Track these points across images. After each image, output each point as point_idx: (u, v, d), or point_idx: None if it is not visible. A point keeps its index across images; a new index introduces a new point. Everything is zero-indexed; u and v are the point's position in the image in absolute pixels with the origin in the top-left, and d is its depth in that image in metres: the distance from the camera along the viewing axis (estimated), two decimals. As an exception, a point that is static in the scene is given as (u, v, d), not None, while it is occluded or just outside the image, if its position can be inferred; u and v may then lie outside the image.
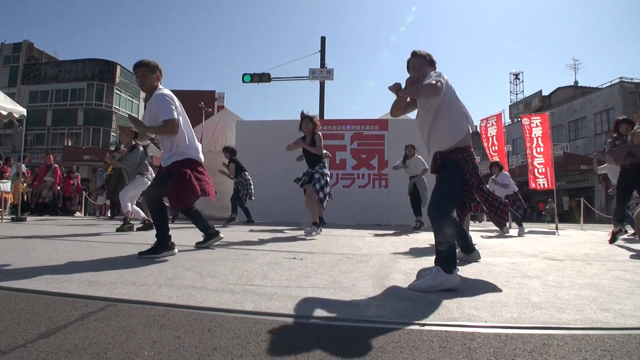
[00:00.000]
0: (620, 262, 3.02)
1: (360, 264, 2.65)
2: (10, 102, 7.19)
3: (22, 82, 31.20)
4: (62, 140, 29.31)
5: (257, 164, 8.41)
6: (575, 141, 24.92)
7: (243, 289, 1.81)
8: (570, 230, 8.37)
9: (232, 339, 1.21)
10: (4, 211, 7.60)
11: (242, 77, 13.55)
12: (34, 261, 2.44)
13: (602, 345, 1.20)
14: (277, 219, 8.07)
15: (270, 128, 9.15)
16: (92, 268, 2.27)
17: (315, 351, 1.12)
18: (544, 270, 2.54)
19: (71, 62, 31.44)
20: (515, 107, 33.14)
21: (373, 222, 8.24)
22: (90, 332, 1.23)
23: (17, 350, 1.09)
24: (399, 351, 1.13)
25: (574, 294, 1.84)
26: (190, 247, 3.36)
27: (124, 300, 1.60)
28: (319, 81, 13.45)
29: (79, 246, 3.30)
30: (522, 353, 1.13)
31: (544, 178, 8.35)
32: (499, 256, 3.30)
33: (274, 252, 3.18)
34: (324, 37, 13.96)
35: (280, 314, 1.46)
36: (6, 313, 1.41)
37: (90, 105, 30.25)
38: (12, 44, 32.27)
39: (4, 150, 26.23)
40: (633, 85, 22.40)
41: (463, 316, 1.46)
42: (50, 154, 10.58)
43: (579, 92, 27.72)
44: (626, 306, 1.64)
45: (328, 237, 4.76)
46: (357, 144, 8.96)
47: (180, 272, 2.20)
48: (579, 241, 5.19)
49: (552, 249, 3.99)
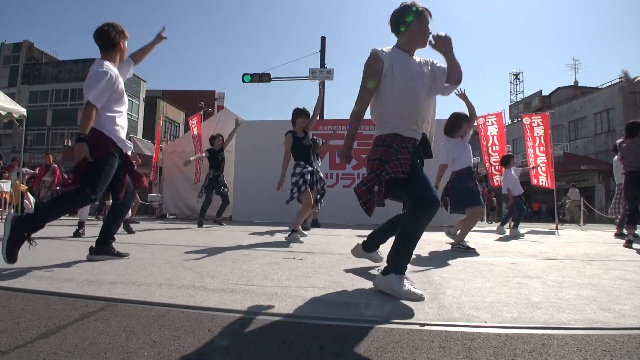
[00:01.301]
0: (621, 262, 3.02)
1: (361, 264, 2.65)
2: (10, 102, 7.19)
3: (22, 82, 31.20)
4: (62, 140, 29.30)
5: (257, 164, 8.41)
6: (575, 141, 24.92)
7: (243, 289, 1.81)
8: (570, 230, 8.36)
9: (232, 339, 1.21)
10: (4, 211, 7.60)
11: (242, 77, 13.55)
12: (33, 261, 2.44)
13: (602, 345, 1.19)
14: (277, 219, 8.07)
15: (270, 128, 9.15)
16: (92, 268, 2.27)
17: (316, 351, 1.12)
18: (544, 270, 2.54)
19: (71, 62, 31.43)
20: (515, 107, 33.16)
21: (373, 222, 8.24)
22: (90, 332, 1.23)
23: (17, 350, 1.09)
24: (399, 351, 1.13)
25: (574, 294, 1.84)
26: (190, 246, 3.36)
27: (124, 300, 1.60)
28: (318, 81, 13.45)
29: (79, 246, 3.30)
30: (522, 353, 1.13)
31: (546, 176, 8.33)
32: (499, 256, 3.30)
33: (274, 252, 3.18)
34: (324, 37, 13.97)
35: (280, 314, 1.46)
36: (6, 313, 1.41)
37: (90, 105, 30.20)
38: (12, 44, 32.27)
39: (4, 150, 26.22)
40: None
41: (463, 316, 1.46)
42: (50, 154, 10.58)
43: (579, 92, 27.72)
44: (626, 306, 1.64)
45: (328, 237, 4.76)
46: (357, 144, 8.93)
47: (180, 272, 2.20)
48: (579, 241, 5.19)
49: (552, 249, 3.99)
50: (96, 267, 2.31)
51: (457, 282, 2.10)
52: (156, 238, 4.22)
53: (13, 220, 2.20)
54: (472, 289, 1.92)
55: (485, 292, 1.85)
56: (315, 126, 9.21)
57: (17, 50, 32.05)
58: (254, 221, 7.96)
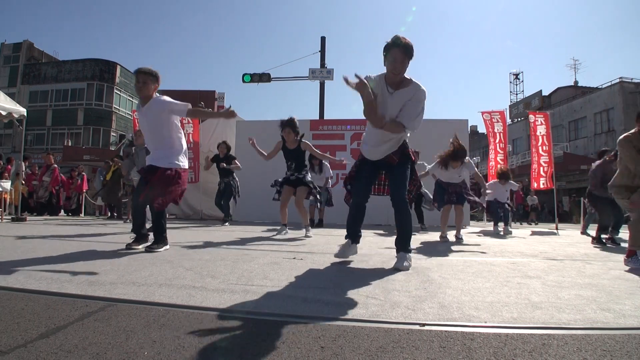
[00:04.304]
0: (621, 262, 3.02)
1: (361, 264, 2.65)
2: (10, 102, 7.19)
3: (22, 82, 31.19)
4: (62, 140, 29.30)
5: (257, 164, 8.39)
6: (575, 141, 24.92)
7: (243, 289, 1.81)
8: (570, 231, 8.36)
9: (232, 339, 1.21)
10: (4, 211, 7.60)
11: (242, 77, 13.55)
12: (33, 261, 2.44)
13: (602, 345, 1.19)
14: (277, 219, 8.05)
15: (270, 128, 9.14)
16: (92, 268, 2.27)
17: (316, 351, 1.12)
18: (544, 270, 2.54)
19: (71, 62, 31.42)
20: (515, 107, 33.15)
21: (373, 222, 8.24)
22: (90, 332, 1.23)
23: (17, 350, 1.09)
24: (399, 351, 1.13)
25: (574, 294, 1.84)
26: (190, 246, 3.36)
27: (124, 300, 1.60)
28: (318, 81, 13.46)
29: (79, 246, 3.30)
30: (522, 353, 1.13)
31: (545, 177, 8.33)
32: (499, 256, 3.30)
33: (274, 252, 3.18)
34: (324, 37, 13.96)
35: (280, 314, 1.46)
36: (6, 313, 1.41)
37: (90, 105, 30.23)
38: (12, 44, 32.26)
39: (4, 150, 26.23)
40: (633, 85, 22.39)
41: (463, 316, 1.46)
42: (50, 154, 10.59)
43: (579, 92, 27.71)
44: (626, 306, 1.64)
45: (328, 237, 4.77)
46: (357, 144, 8.95)
47: (180, 272, 2.20)
48: (579, 241, 5.19)
49: (552, 249, 3.99)
50: (96, 267, 2.31)
51: (457, 282, 2.10)
52: (156, 238, 4.21)
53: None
54: (472, 289, 1.92)
55: (485, 292, 1.85)
56: (315, 126, 9.24)
57: (17, 50, 32.04)
58: (254, 221, 7.96)
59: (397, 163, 2.64)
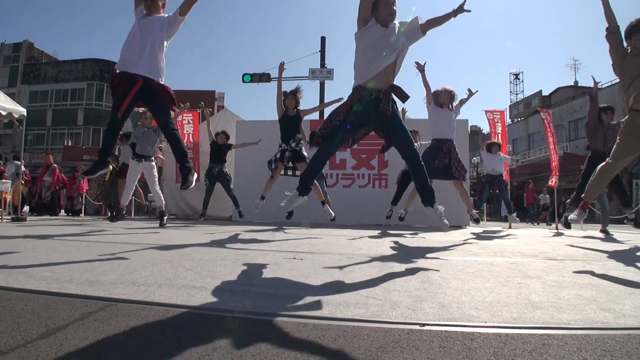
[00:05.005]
0: (621, 262, 3.02)
1: (361, 264, 2.65)
2: (10, 102, 7.19)
3: (22, 82, 31.21)
4: (62, 140, 29.32)
5: (257, 164, 8.40)
6: (575, 141, 24.93)
7: (243, 289, 1.81)
8: (571, 230, 8.36)
9: (232, 339, 1.21)
10: (4, 211, 7.60)
11: (242, 77, 13.57)
12: (33, 261, 2.44)
13: (602, 345, 1.19)
14: (277, 219, 8.07)
15: (270, 128, 9.14)
16: (92, 268, 2.27)
17: (316, 351, 1.12)
18: (544, 270, 2.54)
19: (71, 62, 31.44)
20: (515, 107, 33.16)
21: (373, 222, 8.24)
22: (90, 332, 1.23)
23: (17, 350, 1.09)
24: (399, 351, 1.13)
25: (574, 294, 1.83)
26: (190, 246, 3.36)
27: (124, 300, 1.60)
28: (319, 81, 13.46)
29: (79, 246, 3.30)
30: (522, 353, 1.13)
31: (557, 175, 8.36)
32: (499, 256, 3.30)
33: (274, 252, 3.18)
34: (324, 37, 14.00)
35: (280, 314, 1.46)
36: (6, 313, 1.41)
37: (90, 105, 30.26)
38: (12, 44, 32.28)
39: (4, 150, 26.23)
40: (633, 86, 22.33)
41: (463, 316, 1.46)
42: (49, 154, 10.60)
43: (579, 92, 27.70)
44: (626, 306, 1.63)
45: (328, 237, 4.76)
46: (357, 144, 8.94)
47: (180, 272, 2.20)
48: (579, 241, 5.19)
49: (552, 249, 3.99)
50: (96, 267, 2.31)
51: (457, 282, 2.10)
52: (156, 238, 4.22)
53: None
54: (472, 289, 1.92)
55: (485, 292, 1.85)
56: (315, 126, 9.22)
57: (17, 50, 32.05)
58: (254, 221, 7.96)
59: (391, 115, 2.74)
